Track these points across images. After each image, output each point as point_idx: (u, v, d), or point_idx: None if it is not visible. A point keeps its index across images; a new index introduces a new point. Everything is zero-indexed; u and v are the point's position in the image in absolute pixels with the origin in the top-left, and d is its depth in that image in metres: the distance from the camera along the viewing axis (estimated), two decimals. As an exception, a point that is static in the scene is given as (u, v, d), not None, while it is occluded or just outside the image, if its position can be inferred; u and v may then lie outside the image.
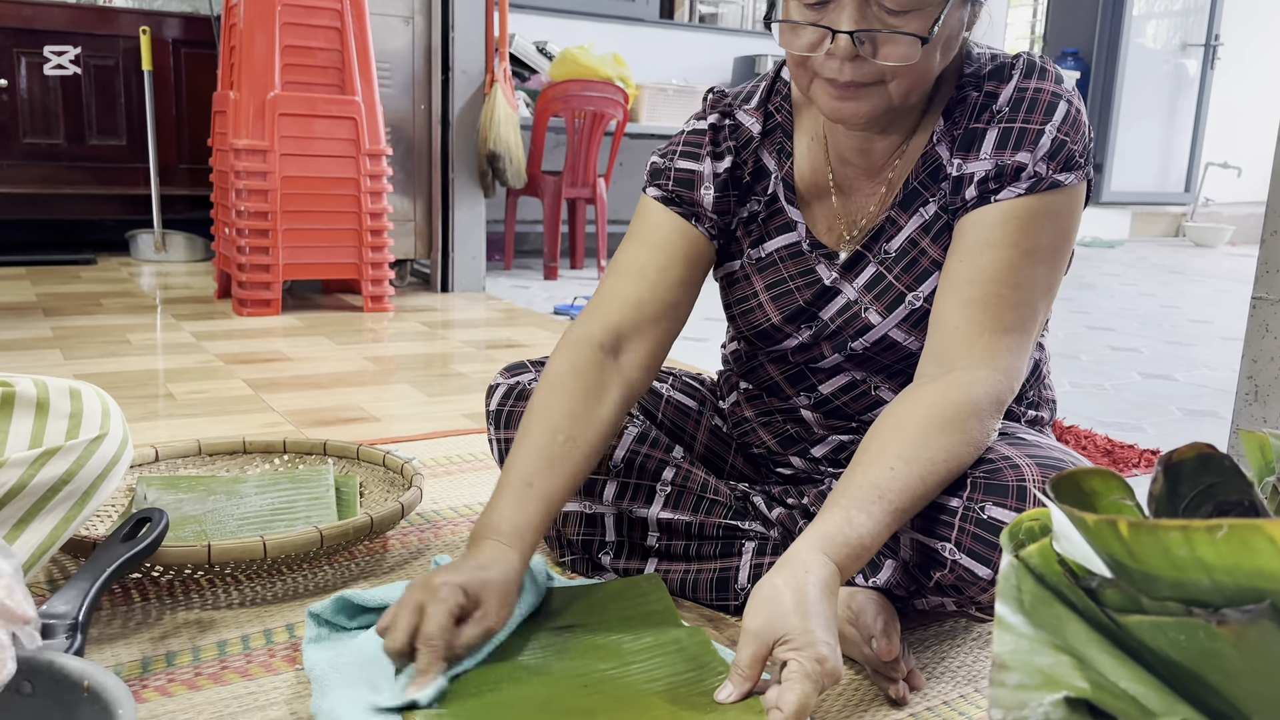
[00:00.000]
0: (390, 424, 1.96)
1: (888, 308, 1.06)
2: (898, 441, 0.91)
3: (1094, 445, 1.94)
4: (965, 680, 1.03)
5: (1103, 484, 0.56)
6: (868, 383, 1.12)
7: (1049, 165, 0.97)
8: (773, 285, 1.11)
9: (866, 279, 1.07)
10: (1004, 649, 0.53)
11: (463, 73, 3.54)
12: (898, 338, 1.07)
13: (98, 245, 4.26)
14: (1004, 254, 0.97)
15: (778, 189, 1.10)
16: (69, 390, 0.99)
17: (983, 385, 0.94)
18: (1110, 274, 5.10)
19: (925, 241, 1.05)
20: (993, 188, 0.98)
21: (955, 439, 0.92)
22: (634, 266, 1.08)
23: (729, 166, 1.10)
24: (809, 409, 1.16)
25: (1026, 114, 0.98)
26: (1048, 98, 0.98)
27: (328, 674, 0.91)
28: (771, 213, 1.11)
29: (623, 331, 1.06)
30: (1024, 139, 0.97)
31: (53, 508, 0.96)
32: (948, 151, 1.03)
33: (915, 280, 1.05)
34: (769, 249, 1.12)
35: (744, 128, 1.11)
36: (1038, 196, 0.97)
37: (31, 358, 2.37)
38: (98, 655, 1.02)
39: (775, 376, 1.17)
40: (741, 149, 1.11)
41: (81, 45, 3.96)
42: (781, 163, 1.10)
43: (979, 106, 1.01)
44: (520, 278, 4.15)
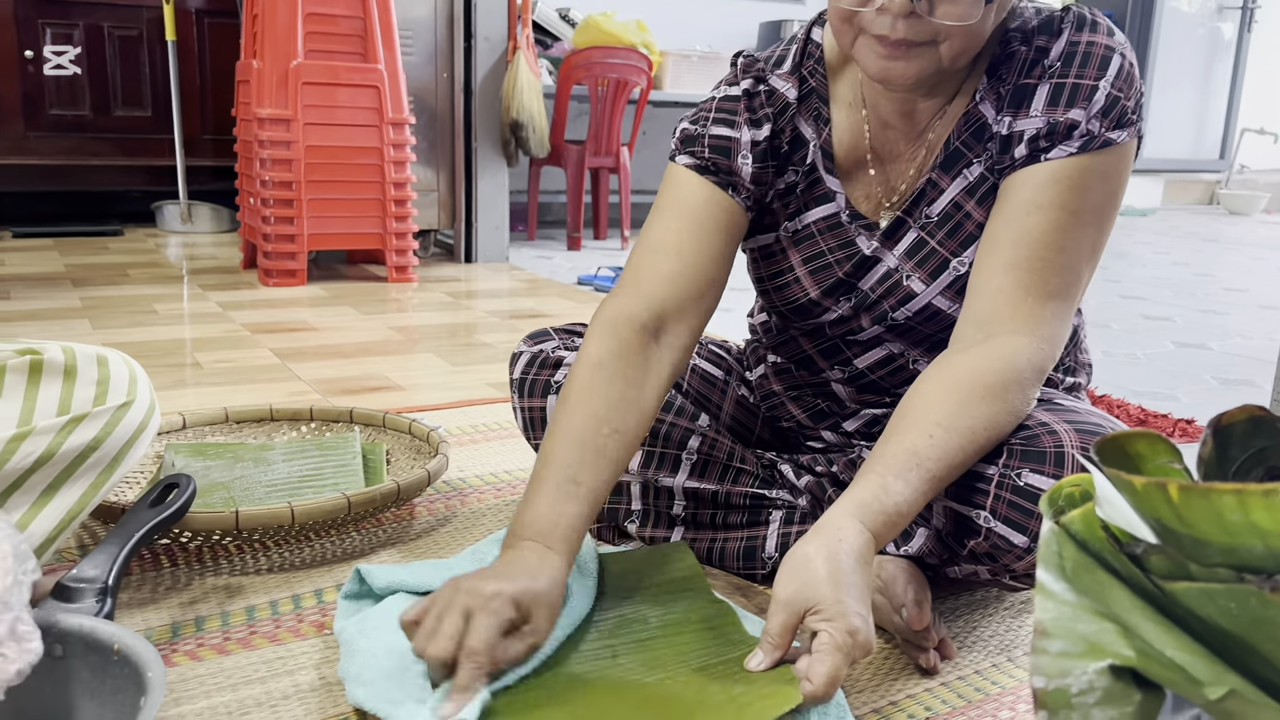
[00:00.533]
0: (415, 393, 1.96)
1: (931, 275, 1.03)
2: (937, 408, 0.89)
3: (1127, 415, 1.92)
4: (998, 649, 1.02)
5: (1149, 447, 0.54)
6: (905, 356, 1.09)
7: (1102, 123, 0.93)
8: (811, 259, 1.08)
9: (907, 245, 1.04)
10: (1046, 616, 0.52)
11: (485, 40, 3.51)
12: (941, 305, 1.04)
13: (124, 216, 4.29)
14: (1052, 216, 0.93)
15: (816, 158, 1.06)
16: (96, 357, 0.99)
17: (1026, 353, 0.91)
18: (1143, 242, 5.02)
19: (970, 205, 1.01)
20: (1043, 146, 0.94)
21: (996, 407, 0.89)
22: (671, 241, 1.02)
23: (767, 135, 1.04)
24: (841, 383, 1.14)
25: (1080, 69, 0.94)
26: (1101, 51, 0.94)
27: (355, 638, 0.91)
28: (810, 183, 1.07)
29: (665, 312, 1.00)
30: (1077, 95, 0.94)
31: (81, 474, 0.96)
32: (993, 110, 0.99)
33: (959, 245, 1.02)
34: (806, 221, 1.08)
35: (779, 94, 1.05)
36: (1090, 155, 0.94)
37: (61, 327, 2.38)
38: (128, 620, 1.02)
39: (808, 349, 1.15)
40: (779, 116, 1.05)
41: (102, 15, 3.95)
42: (819, 130, 1.06)
43: (1029, 62, 0.97)
44: (543, 248, 4.14)
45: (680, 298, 1.00)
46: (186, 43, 4.06)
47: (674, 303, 1.00)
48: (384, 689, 0.84)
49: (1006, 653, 1.02)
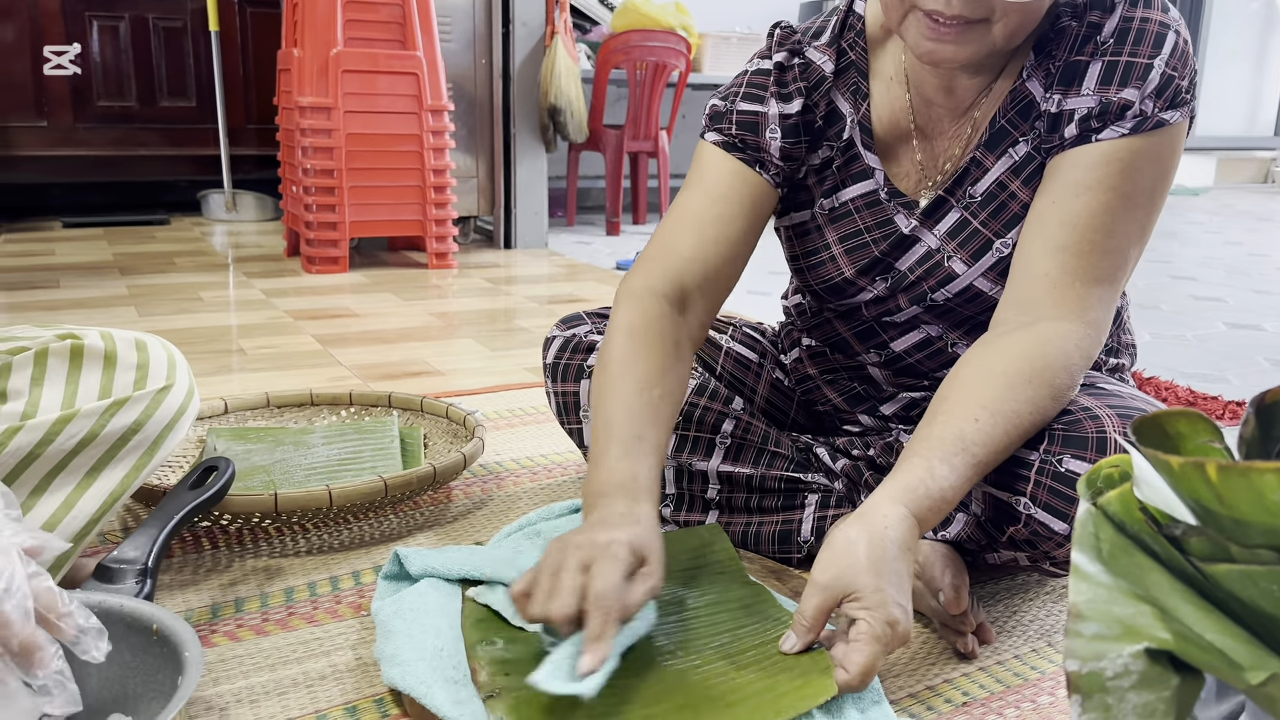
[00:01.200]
0: (454, 378, 1.97)
1: (973, 255, 1.00)
2: (983, 391, 0.87)
3: (1175, 397, 1.88)
4: (1037, 635, 1.01)
5: (1189, 426, 0.52)
6: (944, 338, 1.07)
7: (1155, 103, 0.91)
8: (847, 237, 1.06)
9: (949, 226, 1.02)
10: (1081, 598, 0.51)
11: (523, 25, 3.51)
12: (983, 288, 1.01)
13: (171, 206, 4.35)
14: (1102, 198, 0.91)
15: (854, 134, 1.04)
16: (135, 342, 1.01)
17: (1073, 338, 0.89)
18: (1194, 222, 4.91)
19: (1015, 184, 0.98)
20: (1095, 126, 0.92)
21: (1041, 392, 0.87)
22: (694, 218, 1.02)
23: (799, 110, 1.02)
24: (878, 366, 1.12)
25: (1134, 46, 0.91)
26: (1155, 28, 0.91)
27: (391, 619, 0.92)
28: (847, 159, 1.04)
29: (686, 287, 1.00)
30: (1131, 73, 0.91)
31: (123, 457, 0.98)
32: (1041, 87, 0.96)
33: (1004, 226, 0.99)
34: (843, 198, 1.05)
35: (815, 66, 1.04)
36: (1142, 136, 0.91)
37: (108, 315, 2.43)
38: (168, 601, 1.04)
39: (843, 332, 1.13)
40: (813, 90, 1.03)
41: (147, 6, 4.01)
42: (857, 105, 1.03)
43: (1080, 38, 0.94)
44: (582, 233, 4.14)
45: (701, 273, 1.01)
46: (229, 33, 4.10)
47: (695, 278, 1.01)
48: (419, 670, 0.85)
49: (1046, 638, 1.00)
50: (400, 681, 0.85)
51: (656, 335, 0.97)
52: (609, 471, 0.89)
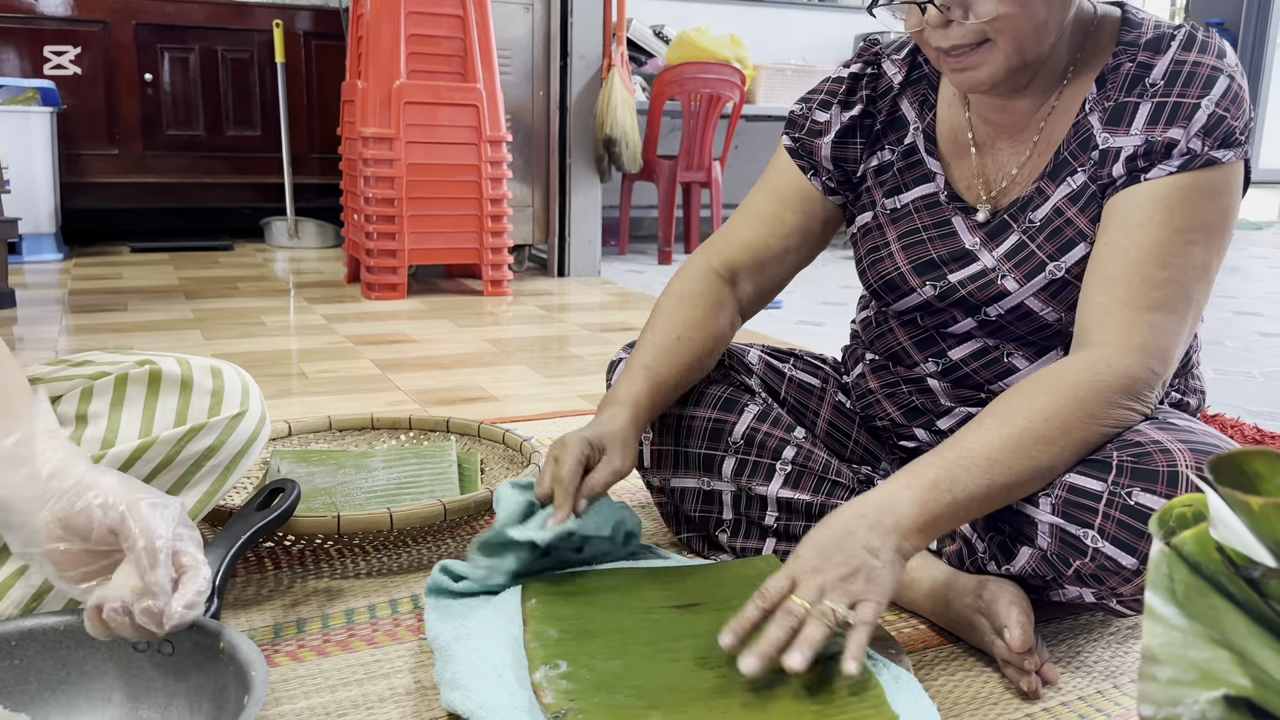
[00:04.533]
0: (509, 404, 1.99)
1: (1027, 275, 1.02)
2: (1018, 420, 0.90)
3: (1241, 434, 1.83)
4: (1103, 675, 0.99)
5: (1267, 466, 0.52)
6: (1000, 349, 1.08)
7: (1204, 141, 0.92)
8: (905, 235, 1.11)
9: (1008, 248, 1.04)
10: (1155, 641, 0.50)
11: (580, 58, 3.56)
12: (1034, 307, 1.03)
13: (235, 232, 4.46)
14: (1151, 234, 0.92)
15: (917, 139, 1.11)
16: (210, 369, 1.03)
17: (1113, 366, 0.90)
18: (1258, 256, 4.81)
19: (1072, 211, 1.00)
20: (1142, 165, 0.94)
21: (1073, 413, 0.90)
22: (755, 210, 1.17)
23: (857, 114, 1.12)
24: (936, 377, 1.13)
25: (1183, 88, 0.93)
26: (1206, 71, 0.93)
27: (450, 644, 0.93)
28: (910, 164, 1.11)
29: (736, 268, 1.15)
30: (1178, 114, 0.92)
31: (198, 480, 1.01)
32: (1099, 122, 0.99)
33: (1058, 250, 1.01)
34: (905, 200, 1.12)
35: (885, 77, 1.13)
36: (1191, 174, 0.92)
37: (174, 338, 2.49)
38: (233, 620, 1.06)
39: (904, 341, 1.15)
40: (878, 98, 1.13)
41: (215, 38, 4.13)
42: (924, 114, 1.11)
43: (1130, 78, 0.96)
44: (635, 262, 4.16)
45: (752, 257, 1.16)
46: (295, 65, 4.21)
47: (743, 263, 1.16)
48: (479, 694, 0.86)
49: (1112, 679, 0.98)
50: (460, 705, 0.86)
51: (699, 296, 1.14)
52: (610, 392, 1.10)
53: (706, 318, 1.13)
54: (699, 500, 1.18)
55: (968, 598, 0.99)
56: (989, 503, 0.90)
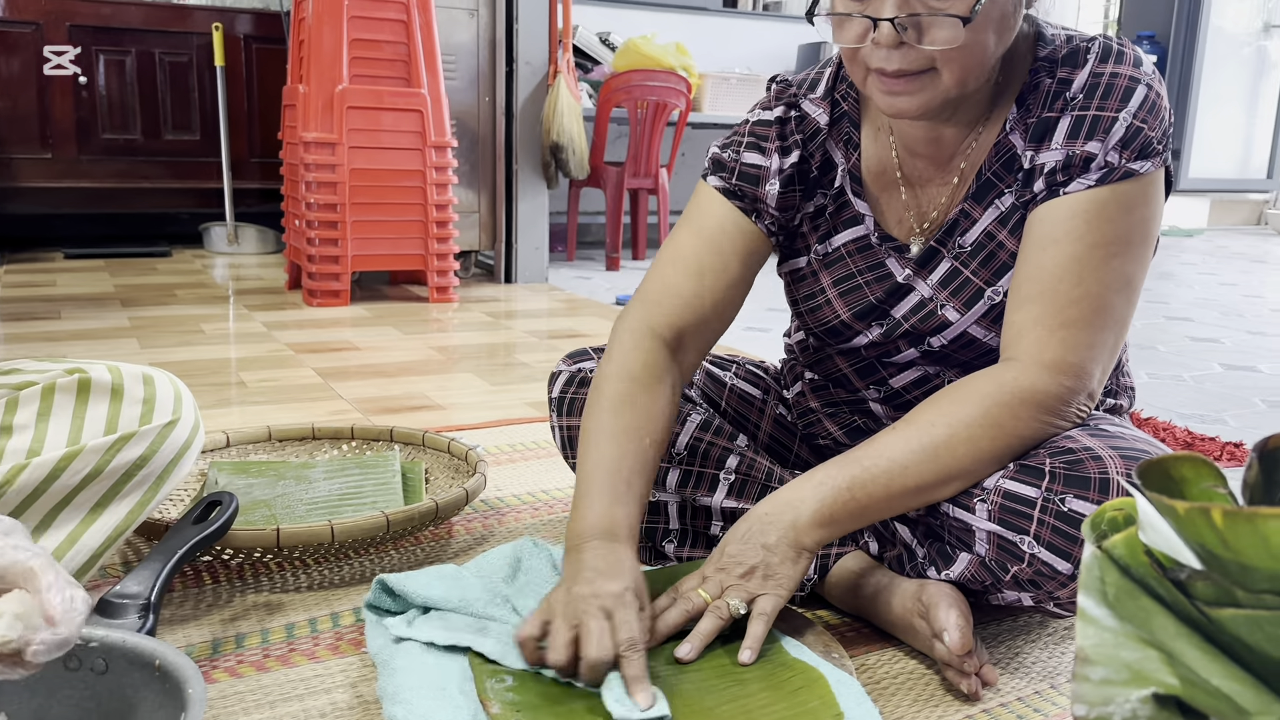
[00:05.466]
0: (455, 412, 1.97)
1: (965, 304, 1.03)
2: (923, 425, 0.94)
3: (1173, 438, 1.88)
4: (1040, 676, 1.01)
5: (1193, 471, 0.53)
6: (941, 376, 1.09)
7: (1122, 154, 0.93)
8: (841, 281, 1.09)
9: (941, 275, 1.04)
10: (1088, 642, 0.51)
11: (526, 64, 3.55)
12: (977, 334, 1.04)
13: (173, 238, 4.38)
14: (1067, 249, 0.93)
15: (844, 181, 1.07)
16: (142, 376, 1.01)
17: (1017, 377, 0.92)
18: (1188, 263, 4.95)
19: (1002, 234, 1.01)
20: (1061, 180, 0.94)
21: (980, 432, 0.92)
22: (693, 262, 1.05)
23: (796, 161, 1.06)
24: (878, 401, 1.14)
25: (1101, 100, 0.94)
26: (1124, 82, 0.94)
27: (392, 657, 0.91)
28: (839, 206, 1.08)
29: (683, 330, 1.04)
30: (1097, 127, 0.93)
31: (128, 491, 0.98)
32: (1021, 141, 0.99)
33: (993, 275, 1.02)
34: (836, 244, 1.09)
35: (810, 119, 1.07)
36: (1109, 188, 0.93)
37: (109, 346, 2.43)
38: (169, 636, 1.04)
39: (844, 369, 1.15)
40: (809, 142, 1.07)
41: (153, 41, 4.05)
42: (849, 154, 1.07)
43: (1052, 94, 0.96)
44: (582, 268, 4.16)
45: (697, 317, 1.05)
46: (235, 68, 4.14)
47: (690, 324, 1.05)
48: (421, 707, 0.85)
49: (1049, 679, 1.00)
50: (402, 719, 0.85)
51: (653, 379, 1.01)
52: (594, 517, 0.94)
53: (663, 405, 1.01)
54: (645, 511, 1.18)
55: (908, 602, 1.00)
56: (892, 505, 0.94)
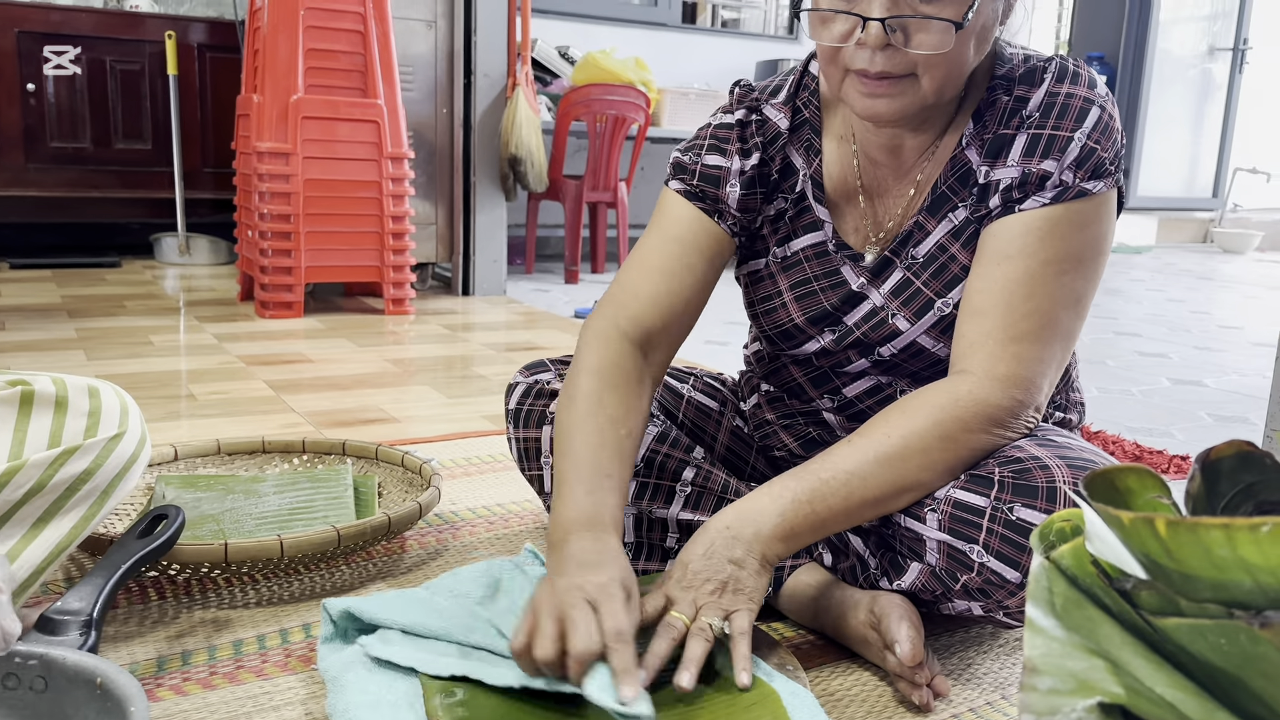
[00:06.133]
0: (410, 425, 1.95)
1: (916, 314, 1.04)
2: (877, 437, 0.94)
3: (1122, 450, 1.91)
4: (992, 687, 1.01)
5: (1138, 482, 0.54)
6: (893, 385, 1.10)
7: (1076, 173, 0.95)
8: (797, 285, 1.10)
9: (893, 284, 1.06)
10: (1035, 652, 0.51)
11: (485, 76, 3.54)
12: (926, 344, 1.05)
13: (122, 248, 4.30)
14: (1020, 264, 0.95)
15: (806, 187, 1.09)
16: (87, 388, 0.99)
17: (971, 390, 0.93)
18: (1137, 279, 5.05)
19: (955, 247, 1.03)
20: (1016, 196, 0.96)
21: (933, 444, 0.93)
22: (658, 263, 1.07)
23: (756, 163, 1.08)
24: (832, 411, 1.14)
25: (1057, 120, 0.96)
26: (1079, 103, 0.96)
27: (342, 674, 0.90)
28: (799, 210, 1.10)
29: (650, 330, 1.05)
30: (1052, 146, 0.95)
31: (72, 506, 0.96)
32: (977, 156, 1.01)
33: (944, 286, 1.03)
34: (794, 248, 1.10)
35: (771, 123, 1.09)
36: (1063, 206, 0.95)
37: (55, 358, 2.38)
38: (113, 653, 1.01)
39: (798, 378, 1.16)
40: (769, 145, 1.09)
41: (104, 48, 3.99)
42: (809, 160, 1.09)
43: (1008, 111, 0.98)
44: (541, 281, 4.15)
45: (663, 317, 1.05)
46: (188, 77, 4.09)
47: (658, 324, 1.05)
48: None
49: (1000, 690, 1.01)
50: (352, 737, 0.83)
51: (623, 375, 1.01)
52: (576, 509, 0.92)
53: (636, 400, 1.02)
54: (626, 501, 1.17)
55: (861, 613, 1.00)
56: (850, 517, 0.94)
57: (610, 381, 1.00)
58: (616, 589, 0.85)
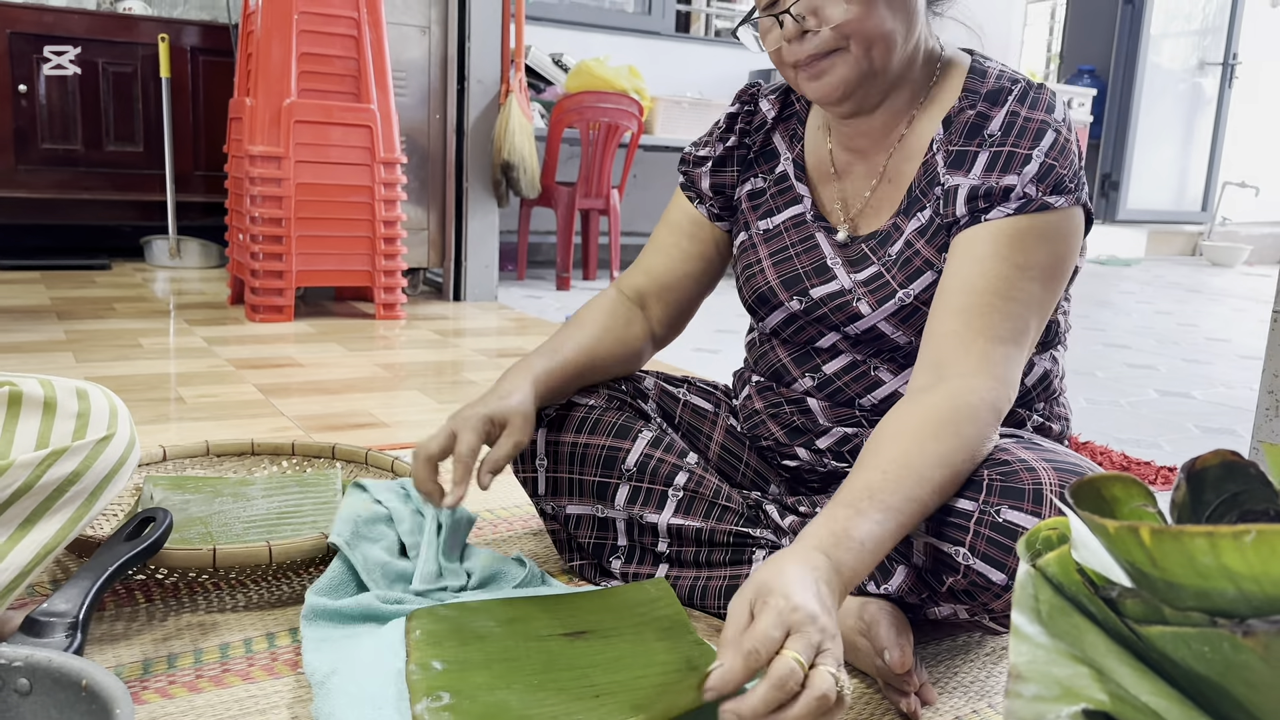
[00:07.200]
0: (400, 430, 1.95)
1: (879, 301, 1.09)
2: (892, 448, 0.90)
3: (1110, 461, 1.92)
4: (979, 695, 1.02)
5: (1124, 490, 0.54)
6: (867, 364, 1.14)
7: (1038, 187, 0.99)
8: (776, 252, 1.19)
9: (866, 276, 1.11)
10: (1021, 659, 0.52)
11: (478, 83, 3.55)
12: (885, 330, 1.10)
13: (113, 251, 4.29)
14: (995, 267, 0.98)
15: (788, 168, 1.20)
16: (76, 390, 0.99)
17: (979, 392, 0.94)
18: (1126, 292, 5.07)
19: (920, 243, 1.08)
20: (983, 206, 1.01)
21: (950, 444, 0.91)
22: (657, 241, 1.27)
23: (731, 145, 1.23)
24: (814, 394, 1.17)
25: (1016, 139, 1.02)
26: (1036, 126, 1.02)
27: (328, 678, 0.90)
28: (781, 189, 1.20)
29: (643, 292, 1.25)
30: (1012, 162, 1.00)
31: (59, 507, 0.95)
32: (943, 162, 1.06)
33: (908, 278, 1.08)
34: (776, 221, 1.20)
35: (760, 113, 1.23)
36: (1028, 216, 0.99)
37: (44, 360, 2.37)
38: (99, 655, 1.01)
39: (784, 359, 1.20)
40: (751, 131, 1.23)
41: (97, 51, 3.98)
42: (793, 146, 1.21)
43: (971, 126, 1.05)
44: (533, 287, 4.15)
45: (657, 282, 1.25)
46: (181, 80, 4.08)
47: (650, 286, 1.26)
48: (357, 729, 0.83)
49: (987, 698, 1.01)
50: (338, 741, 0.83)
51: (611, 308, 1.23)
52: (516, 364, 1.15)
53: (618, 325, 1.21)
54: (593, 527, 1.18)
55: (850, 620, 1.01)
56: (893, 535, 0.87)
57: (600, 311, 1.22)
58: (478, 420, 1.05)
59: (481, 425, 1.04)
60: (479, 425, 1.04)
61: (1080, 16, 6.99)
